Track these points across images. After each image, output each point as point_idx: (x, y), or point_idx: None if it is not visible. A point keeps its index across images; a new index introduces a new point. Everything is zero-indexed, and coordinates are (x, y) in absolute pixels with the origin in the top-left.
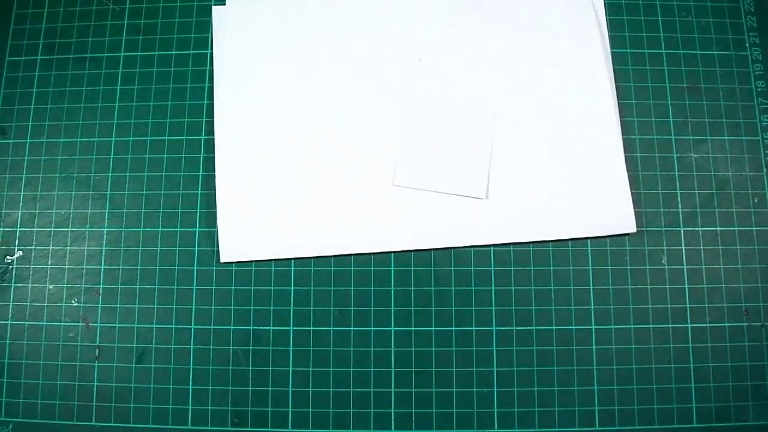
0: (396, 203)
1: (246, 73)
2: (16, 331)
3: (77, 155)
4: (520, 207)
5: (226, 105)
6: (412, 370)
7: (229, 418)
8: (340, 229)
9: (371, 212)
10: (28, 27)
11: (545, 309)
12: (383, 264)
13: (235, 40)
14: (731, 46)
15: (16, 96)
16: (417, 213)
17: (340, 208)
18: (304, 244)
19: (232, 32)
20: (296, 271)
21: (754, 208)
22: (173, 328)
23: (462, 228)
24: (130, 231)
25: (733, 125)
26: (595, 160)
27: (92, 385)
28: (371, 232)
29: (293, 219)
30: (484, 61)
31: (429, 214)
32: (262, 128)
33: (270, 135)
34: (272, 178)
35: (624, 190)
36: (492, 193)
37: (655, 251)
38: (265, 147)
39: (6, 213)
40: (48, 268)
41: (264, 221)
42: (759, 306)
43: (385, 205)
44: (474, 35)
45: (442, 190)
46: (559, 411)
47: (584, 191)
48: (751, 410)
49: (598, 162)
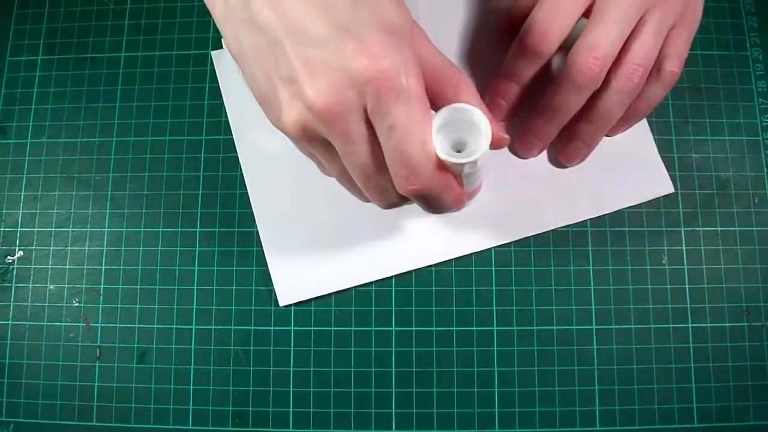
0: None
1: (260, 112)
2: (17, 332)
3: (78, 155)
4: (555, 192)
5: (249, 152)
6: (413, 370)
7: (230, 418)
8: (378, 252)
9: (408, 230)
10: (29, 27)
11: (546, 309)
12: None
13: (240, 83)
14: (732, 46)
15: (17, 96)
16: (456, 219)
17: (376, 233)
18: (352, 271)
19: (236, 78)
20: None
21: (754, 208)
22: (174, 328)
23: (505, 222)
24: (131, 231)
25: (734, 125)
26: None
27: (93, 385)
28: (412, 249)
29: (337, 251)
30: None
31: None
32: (288, 168)
33: (298, 173)
34: (310, 215)
35: (654, 154)
36: (528, 180)
37: (656, 251)
38: (298, 187)
39: (7, 213)
40: (49, 268)
41: (313, 258)
42: (760, 306)
43: (419, 222)
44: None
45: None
46: (560, 411)
47: (615, 164)
48: (752, 410)
49: (625, 133)
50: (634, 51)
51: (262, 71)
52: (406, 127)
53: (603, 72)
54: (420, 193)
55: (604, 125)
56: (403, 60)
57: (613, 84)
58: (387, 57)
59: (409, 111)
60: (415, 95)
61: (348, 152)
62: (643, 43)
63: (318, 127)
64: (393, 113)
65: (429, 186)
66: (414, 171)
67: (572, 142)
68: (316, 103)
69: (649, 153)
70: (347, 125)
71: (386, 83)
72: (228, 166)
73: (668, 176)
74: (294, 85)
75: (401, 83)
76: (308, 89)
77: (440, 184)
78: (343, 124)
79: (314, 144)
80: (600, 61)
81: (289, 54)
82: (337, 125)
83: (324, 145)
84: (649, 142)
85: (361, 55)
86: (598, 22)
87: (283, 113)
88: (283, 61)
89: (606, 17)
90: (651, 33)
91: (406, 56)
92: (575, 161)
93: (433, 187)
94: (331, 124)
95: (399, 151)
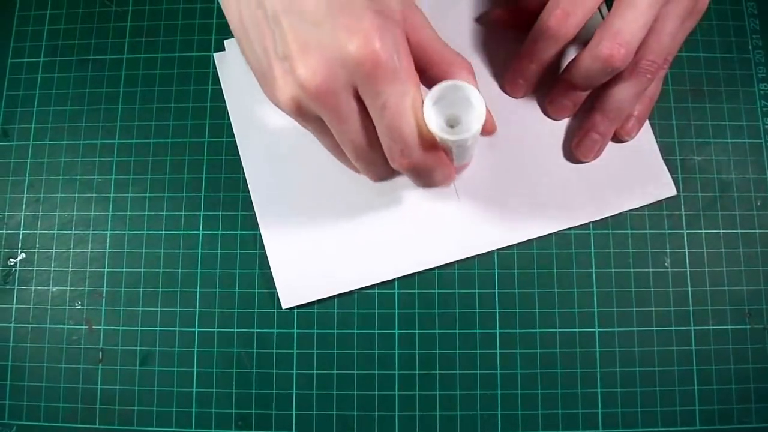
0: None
1: (262, 115)
2: (20, 334)
3: (80, 157)
4: (558, 194)
5: (252, 155)
6: (415, 373)
7: (233, 420)
8: (381, 254)
9: (426, 229)
10: (30, 29)
11: (549, 311)
12: None
13: (242, 86)
14: (734, 48)
15: (19, 98)
16: (467, 220)
17: (383, 233)
18: (355, 274)
19: (238, 80)
20: None
21: (757, 211)
22: (177, 331)
23: (507, 225)
24: (133, 234)
25: (736, 128)
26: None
27: (96, 387)
28: (421, 250)
29: (340, 253)
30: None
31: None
32: (291, 171)
33: (301, 175)
34: (313, 218)
35: (656, 156)
36: (531, 183)
37: (659, 254)
38: (301, 189)
39: (9, 215)
40: (51, 270)
41: (315, 261)
42: (762, 309)
43: (425, 223)
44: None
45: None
46: (562, 413)
47: (618, 166)
48: (754, 413)
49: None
50: (651, 44)
51: (260, 46)
52: (398, 106)
53: (626, 61)
54: (412, 167)
55: (617, 117)
56: (393, 41)
57: (630, 76)
58: (378, 38)
59: (401, 89)
60: (407, 74)
61: (340, 130)
62: (662, 36)
63: (310, 104)
64: (385, 93)
65: (422, 161)
66: (407, 147)
67: (588, 135)
68: (308, 81)
69: (651, 155)
70: (338, 104)
71: (378, 63)
72: (230, 168)
73: (671, 179)
74: (288, 62)
75: (393, 63)
76: (301, 67)
77: (432, 159)
78: (334, 102)
79: (308, 120)
80: (624, 48)
81: (285, 30)
82: (328, 104)
83: (317, 122)
84: (652, 144)
85: (354, 36)
86: (626, 8)
87: (277, 89)
88: (279, 38)
89: (634, 2)
90: (669, 25)
91: (396, 37)
92: (591, 155)
93: (425, 162)
94: (322, 102)
95: (392, 129)
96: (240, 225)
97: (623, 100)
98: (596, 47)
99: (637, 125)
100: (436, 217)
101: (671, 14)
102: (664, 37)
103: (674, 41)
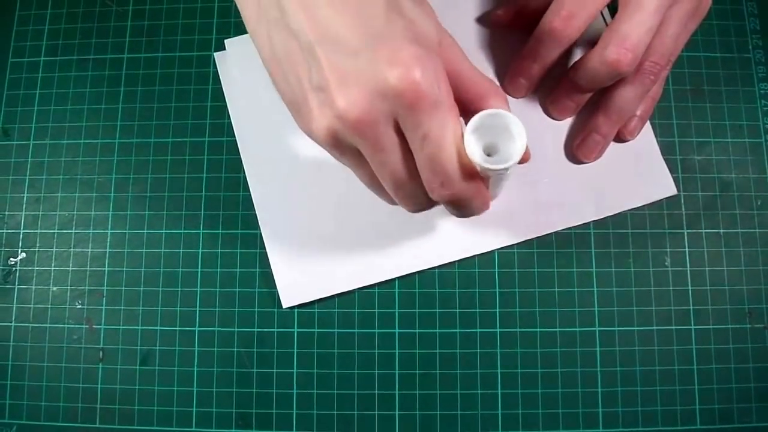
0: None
1: (263, 114)
2: (20, 333)
3: (81, 157)
4: (559, 193)
5: (252, 154)
6: (416, 372)
7: (234, 420)
8: (381, 254)
9: (415, 231)
10: (30, 28)
11: (549, 311)
12: None
13: (243, 85)
14: (734, 48)
15: (20, 97)
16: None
17: (380, 234)
18: (355, 273)
19: (239, 79)
20: None
21: (757, 210)
22: (177, 330)
23: (508, 224)
24: (133, 233)
25: (737, 127)
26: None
27: (96, 387)
28: (414, 251)
29: (340, 252)
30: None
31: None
32: (291, 170)
33: (302, 176)
34: (313, 217)
35: (656, 156)
36: (531, 183)
37: (659, 253)
38: (301, 188)
39: (9, 215)
40: (52, 270)
41: (316, 260)
42: (762, 308)
43: (424, 223)
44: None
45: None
46: (563, 413)
47: (618, 166)
48: (755, 412)
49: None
50: (655, 46)
51: (293, 76)
52: (439, 137)
53: (633, 66)
54: (452, 198)
55: (620, 118)
56: (433, 70)
57: (633, 78)
58: (419, 68)
59: (442, 120)
60: (447, 104)
61: (379, 161)
62: (666, 38)
63: (348, 136)
64: (426, 123)
65: (461, 192)
66: (448, 178)
67: (590, 136)
68: (347, 113)
69: (651, 155)
70: (378, 135)
71: (419, 94)
72: (231, 167)
73: (671, 178)
74: (324, 93)
75: (434, 94)
76: (339, 99)
77: (472, 189)
78: (374, 134)
79: (344, 152)
80: (631, 53)
81: (321, 61)
82: (368, 135)
83: (354, 154)
84: (652, 144)
85: (394, 66)
86: (633, 12)
87: (313, 121)
88: (314, 68)
89: (641, 6)
90: (673, 27)
91: (436, 66)
92: (593, 156)
93: (465, 193)
94: (361, 134)
95: (433, 160)
96: (240, 224)
97: (626, 101)
98: (603, 51)
99: (640, 125)
100: (436, 217)
101: (675, 16)
102: (667, 39)
103: (677, 43)
